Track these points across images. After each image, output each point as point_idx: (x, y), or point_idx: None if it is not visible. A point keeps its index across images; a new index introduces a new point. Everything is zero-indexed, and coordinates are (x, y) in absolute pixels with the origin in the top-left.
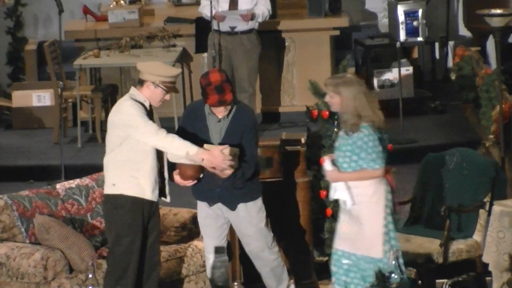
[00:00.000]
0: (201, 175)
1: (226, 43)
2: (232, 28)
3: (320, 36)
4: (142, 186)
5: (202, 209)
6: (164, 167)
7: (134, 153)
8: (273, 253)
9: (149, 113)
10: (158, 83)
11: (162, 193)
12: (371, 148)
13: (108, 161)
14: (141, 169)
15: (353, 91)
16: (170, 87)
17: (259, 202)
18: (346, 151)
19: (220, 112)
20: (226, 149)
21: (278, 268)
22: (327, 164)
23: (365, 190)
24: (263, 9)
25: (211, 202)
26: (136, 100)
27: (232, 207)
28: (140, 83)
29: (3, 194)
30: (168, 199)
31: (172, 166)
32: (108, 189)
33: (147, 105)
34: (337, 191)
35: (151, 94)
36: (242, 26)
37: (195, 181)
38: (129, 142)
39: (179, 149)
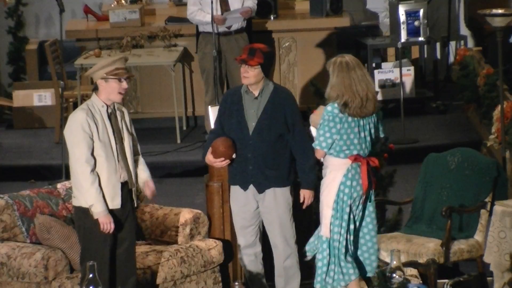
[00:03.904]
0: (234, 155)
1: (221, 44)
2: (229, 27)
3: (322, 36)
4: None
5: (237, 195)
6: (131, 172)
7: None
8: (289, 248)
9: (110, 116)
10: (106, 76)
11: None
12: (320, 128)
13: (70, 170)
14: None
15: (337, 68)
16: (120, 73)
17: (287, 192)
18: None
19: (256, 88)
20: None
21: (291, 269)
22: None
23: (327, 175)
24: (252, 4)
25: (244, 186)
26: (90, 110)
27: (261, 189)
28: (95, 88)
29: (4, 194)
30: (135, 204)
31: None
32: (72, 199)
33: (104, 110)
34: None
35: (107, 90)
36: (237, 25)
37: (228, 161)
38: None
39: (89, 196)
